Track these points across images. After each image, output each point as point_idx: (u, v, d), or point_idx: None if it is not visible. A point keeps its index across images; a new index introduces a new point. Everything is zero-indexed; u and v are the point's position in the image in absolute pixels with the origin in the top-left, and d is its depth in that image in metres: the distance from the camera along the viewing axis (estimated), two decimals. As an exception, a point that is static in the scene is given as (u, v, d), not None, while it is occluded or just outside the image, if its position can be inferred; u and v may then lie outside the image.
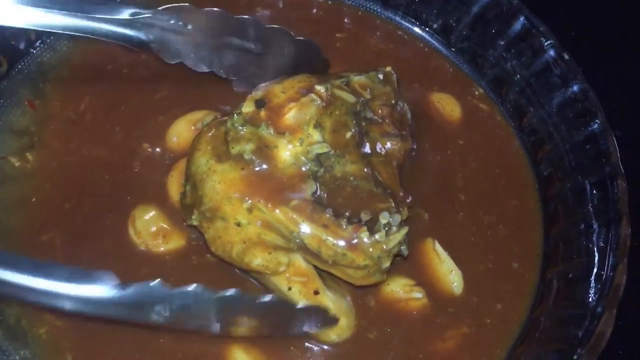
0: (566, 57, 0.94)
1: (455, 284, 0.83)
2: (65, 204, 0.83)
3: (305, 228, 0.75)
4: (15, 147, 0.87)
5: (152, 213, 0.83)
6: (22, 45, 0.93)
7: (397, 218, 0.76)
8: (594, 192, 0.85)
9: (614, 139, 0.87)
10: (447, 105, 0.98)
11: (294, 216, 0.74)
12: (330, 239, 0.74)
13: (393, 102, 0.87)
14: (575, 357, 0.70)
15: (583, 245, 0.82)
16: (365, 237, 0.74)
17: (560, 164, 0.91)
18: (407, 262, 0.83)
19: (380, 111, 0.85)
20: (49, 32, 0.94)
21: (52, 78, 0.93)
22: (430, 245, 0.85)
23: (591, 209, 0.84)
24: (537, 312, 0.82)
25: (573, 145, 0.90)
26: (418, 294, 0.82)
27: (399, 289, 0.82)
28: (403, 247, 0.77)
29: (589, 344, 0.71)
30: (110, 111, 0.91)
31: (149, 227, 0.82)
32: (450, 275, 0.84)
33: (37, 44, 0.95)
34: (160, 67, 0.92)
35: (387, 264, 0.76)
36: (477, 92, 1.01)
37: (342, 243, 0.74)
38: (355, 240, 0.74)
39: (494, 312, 0.83)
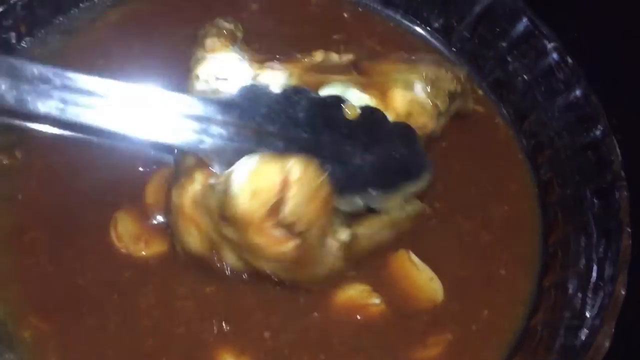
0: (569, 60, 0.92)
1: (437, 290, 0.80)
2: (51, 202, 0.81)
3: None
4: (2, 143, 0.85)
5: (133, 218, 0.81)
6: (13, 39, 0.92)
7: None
8: (595, 200, 0.83)
9: (617, 145, 0.85)
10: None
11: None
12: None
13: None
14: (571, 370, 0.69)
15: (582, 254, 0.80)
16: None
17: (561, 169, 0.89)
18: (374, 277, 0.80)
19: None
20: (41, 25, 0.94)
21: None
22: (404, 256, 0.82)
23: (592, 218, 0.82)
24: (533, 322, 0.80)
25: (574, 151, 0.88)
26: (376, 300, 0.79)
27: (356, 294, 0.79)
28: None
29: (586, 357, 0.69)
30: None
31: (131, 232, 0.80)
32: (430, 282, 0.81)
33: (27, 38, 0.93)
34: (151, 63, 0.91)
35: None
36: (474, 95, 0.99)
37: None
38: None
39: (479, 319, 0.80)
